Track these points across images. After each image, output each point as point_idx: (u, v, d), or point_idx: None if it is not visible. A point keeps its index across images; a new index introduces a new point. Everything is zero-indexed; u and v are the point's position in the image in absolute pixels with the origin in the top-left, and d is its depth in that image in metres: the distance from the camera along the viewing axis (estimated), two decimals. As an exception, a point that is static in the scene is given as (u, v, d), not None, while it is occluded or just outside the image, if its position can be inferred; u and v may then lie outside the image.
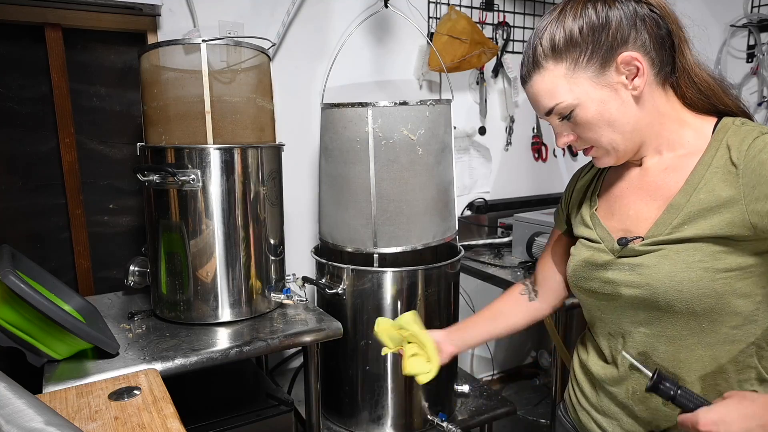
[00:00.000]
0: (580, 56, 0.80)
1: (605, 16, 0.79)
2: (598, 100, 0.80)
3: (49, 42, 1.65)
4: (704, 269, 0.77)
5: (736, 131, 0.79)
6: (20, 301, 1.08)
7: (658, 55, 0.80)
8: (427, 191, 1.62)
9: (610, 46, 0.79)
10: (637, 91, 0.80)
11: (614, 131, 0.82)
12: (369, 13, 2.08)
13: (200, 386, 1.59)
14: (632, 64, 0.79)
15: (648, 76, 0.80)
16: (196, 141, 1.40)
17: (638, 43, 0.79)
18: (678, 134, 0.84)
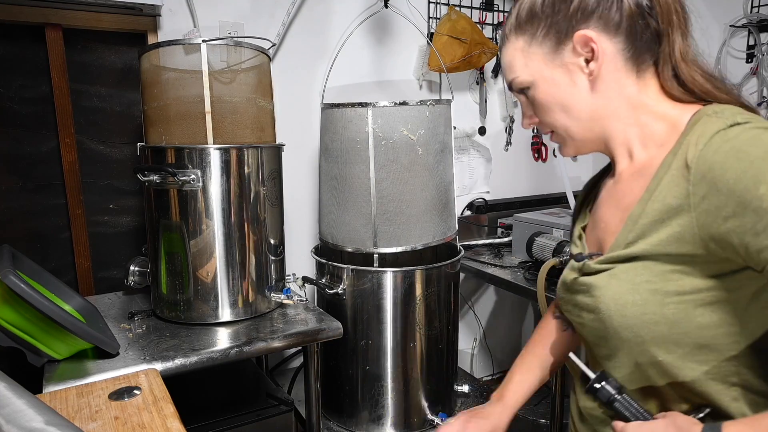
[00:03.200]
0: (538, 31, 0.73)
1: None
2: (550, 80, 0.74)
3: (50, 42, 1.65)
4: (651, 292, 0.65)
5: (706, 122, 0.64)
6: (20, 301, 1.08)
7: (633, 41, 0.70)
8: (427, 191, 1.62)
9: (568, 23, 0.71)
10: (591, 76, 0.72)
11: (568, 117, 0.75)
12: (369, 13, 2.08)
13: (200, 386, 1.59)
14: (589, 45, 0.70)
15: (609, 62, 0.71)
16: (196, 141, 1.40)
17: (603, 23, 0.70)
18: (650, 129, 0.72)
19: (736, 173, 0.56)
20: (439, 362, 1.71)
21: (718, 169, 0.58)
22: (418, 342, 1.65)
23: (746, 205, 0.55)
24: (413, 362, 1.66)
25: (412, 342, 1.64)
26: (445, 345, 1.73)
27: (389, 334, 1.63)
